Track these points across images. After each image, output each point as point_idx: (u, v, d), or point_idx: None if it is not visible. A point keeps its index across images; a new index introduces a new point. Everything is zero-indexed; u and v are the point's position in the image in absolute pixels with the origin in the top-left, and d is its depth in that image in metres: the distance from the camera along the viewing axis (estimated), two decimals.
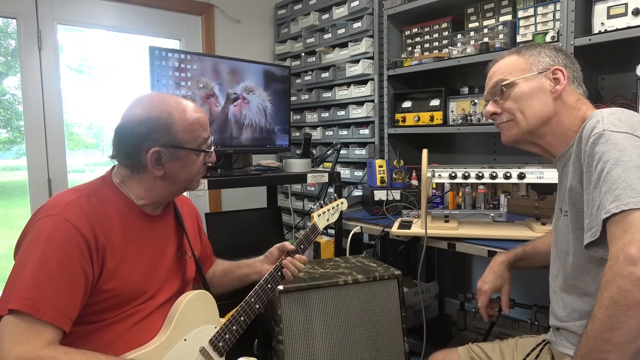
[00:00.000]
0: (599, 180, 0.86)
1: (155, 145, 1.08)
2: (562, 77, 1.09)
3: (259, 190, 2.74)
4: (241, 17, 3.39)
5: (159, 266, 1.16)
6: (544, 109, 1.10)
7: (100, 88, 2.96)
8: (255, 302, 1.27)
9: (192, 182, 1.19)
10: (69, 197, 1.04)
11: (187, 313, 1.14)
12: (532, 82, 1.11)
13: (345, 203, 1.71)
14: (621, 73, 1.93)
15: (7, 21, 2.60)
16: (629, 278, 0.74)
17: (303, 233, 1.49)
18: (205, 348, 1.15)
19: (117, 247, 1.06)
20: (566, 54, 1.15)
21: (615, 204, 0.80)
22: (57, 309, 0.93)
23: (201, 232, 1.42)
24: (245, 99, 2.09)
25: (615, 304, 0.75)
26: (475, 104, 2.25)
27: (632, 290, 0.73)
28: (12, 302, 0.90)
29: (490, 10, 2.22)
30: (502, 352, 1.29)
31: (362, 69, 2.74)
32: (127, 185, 1.13)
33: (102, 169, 1.22)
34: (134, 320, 1.08)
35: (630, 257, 0.74)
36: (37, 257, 0.94)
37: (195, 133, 1.13)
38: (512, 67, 1.15)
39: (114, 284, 1.04)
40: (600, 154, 0.87)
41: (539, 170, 1.60)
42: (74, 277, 0.96)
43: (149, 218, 1.16)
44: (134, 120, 1.09)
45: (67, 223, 0.98)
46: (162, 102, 1.11)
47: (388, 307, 1.60)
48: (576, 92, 1.12)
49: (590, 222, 0.88)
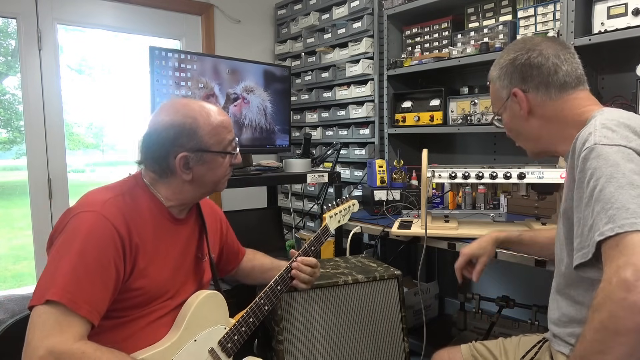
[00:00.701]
0: (591, 199, 0.82)
1: (183, 150, 1.10)
2: (521, 99, 1.08)
3: (259, 190, 2.74)
4: (241, 17, 3.39)
5: (180, 267, 1.19)
6: (531, 131, 1.11)
7: (100, 88, 2.96)
8: (264, 304, 1.29)
9: (219, 184, 1.21)
10: (106, 195, 1.07)
11: (199, 313, 1.14)
12: (508, 111, 1.14)
13: (357, 204, 1.71)
14: (621, 73, 1.93)
15: (7, 21, 2.60)
16: (621, 304, 0.70)
17: (314, 235, 1.50)
18: (214, 349, 1.16)
19: (148, 246, 1.09)
20: (524, 63, 1.07)
21: (610, 225, 0.76)
22: (91, 303, 0.95)
23: (227, 232, 1.44)
24: (245, 99, 2.09)
25: (604, 328, 0.72)
26: (475, 104, 2.25)
27: (622, 317, 0.70)
28: (51, 293, 0.91)
29: (490, 10, 2.22)
30: (505, 349, 1.29)
31: (362, 69, 2.74)
32: (156, 187, 1.15)
33: (102, 169, 1.22)
34: (153, 318, 1.10)
35: (624, 281, 0.70)
36: (76, 250, 0.96)
37: (220, 136, 1.15)
38: (493, 98, 1.17)
39: (143, 283, 1.07)
40: (592, 170, 0.84)
41: (539, 170, 1.60)
42: (108, 273, 0.99)
43: (176, 221, 1.18)
44: (160, 127, 1.11)
45: (106, 220, 1.00)
46: (186, 107, 1.13)
47: (388, 307, 1.60)
48: (551, 99, 1.05)
49: (581, 243, 0.84)
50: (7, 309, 1.53)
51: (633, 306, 0.69)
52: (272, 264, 1.49)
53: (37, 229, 2.61)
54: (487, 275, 2.61)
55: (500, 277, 2.55)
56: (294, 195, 3.30)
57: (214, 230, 1.35)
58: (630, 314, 0.69)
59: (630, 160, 0.81)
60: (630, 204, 0.75)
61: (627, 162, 0.80)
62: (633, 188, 0.77)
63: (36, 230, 2.61)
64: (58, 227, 1.03)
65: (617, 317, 0.70)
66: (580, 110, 1.03)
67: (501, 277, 2.54)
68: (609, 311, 0.72)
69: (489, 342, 1.34)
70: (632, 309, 0.69)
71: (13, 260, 2.77)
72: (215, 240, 1.36)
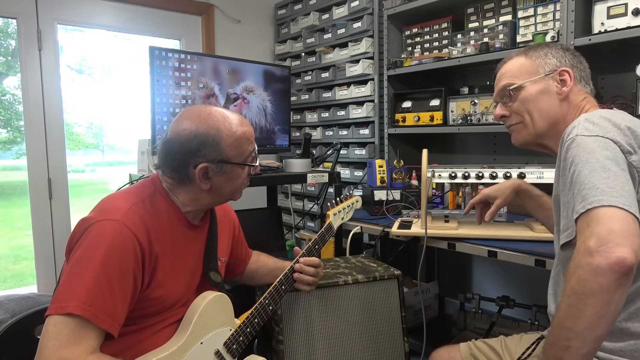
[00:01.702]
0: (571, 183, 0.90)
1: (204, 160, 1.09)
2: (568, 78, 1.11)
3: (259, 190, 2.74)
4: (241, 17, 3.39)
5: (195, 274, 1.19)
6: (551, 111, 1.12)
7: (100, 88, 2.96)
8: (269, 304, 1.29)
9: (235, 193, 1.21)
10: (127, 202, 1.05)
11: (205, 316, 1.14)
12: (539, 85, 1.13)
13: (360, 201, 1.71)
14: (621, 73, 1.93)
15: (7, 21, 2.60)
16: (586, 268, 0.78)
17: (318, 233, 1.50)
18: (220, 351, 1.15)
19: (167, 257, 1.09)
20: (574, 53, 1.15)
21: (582, 204, 0.84)
22: (112, 316, 0.95)
23: (239, 235, 1.44)
24: (245, 99, 2.09)
25: (575, 293, 0.79)
26: (475, 104, 2.25)
27: (589, 280, 0.77)
28: (73, 306, 0.90)
29: (490, 10, 2.22)
30: (506, 346, 1.29)
31: (362, 69, 2.74)
32: (174, 192, 1.15)
33: (102, 169, 1.22)
34: (165, 324, 1.10)
35: (588, 248, 0.78)
36: (98, 261, 0.94)
37: (242, 148, 1.14)
38: (519, 70, 1.16)
39: (160, 293, 1.07)
40: (572, 158, 0.92)
41: (539, 170, 1.60)
42: (127, 284, 0.98)
43: (192, 227, 1.18)
44: (182, 137, 1.09)
45: (128, 230, 0.99)
46: (210, 117, 1.11)
47: (388, 307, 1.60)
48: (583, 92, 1.13)
49: (566, 224, 0.91)
50: (7, 309, 1.53)
51: (596, 269, 0.77)
52: (276, 264, 1.49)
53: (37, 229, 2.61)
54: (487, 275, 2.62)
55: (500, 277, 2.55)
56: (294, 195, 3.30)
57: (227, 234, 1.35)
58: (595, 276, 0.77)
59: (605, 148, 0.89)
60: (600, 184, 0.84)
61: (602, 150, 0.89)
62: (604, 171, 0.85)
63: (36, 230, 2.61)
64: (78, 232, 1.01)
65: (584, 281, 0.78)
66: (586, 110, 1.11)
67: (501, 277, 2.54)
68: (577, 276, 0.79)
69: (490, 340, 1.34)
70: (595, 272, 0.77)
71: (13, 260, 2.77)
72: (227, 244, 1.36)
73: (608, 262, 0.76)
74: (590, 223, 0.82)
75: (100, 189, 3.10)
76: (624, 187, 0.84)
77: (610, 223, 0.79)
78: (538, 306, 1.95)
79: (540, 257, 1.45)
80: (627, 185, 0.85)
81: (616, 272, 0.76)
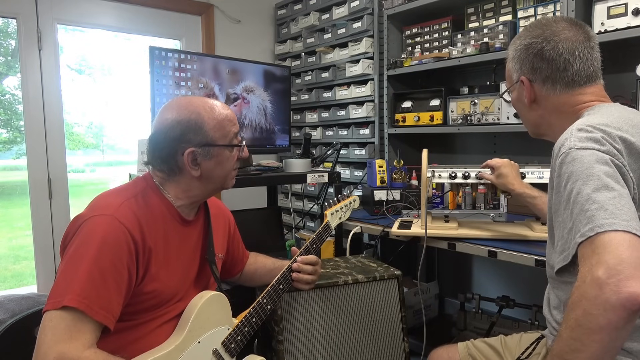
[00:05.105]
0: (568, 202, 0.84)
1: (190, 146, 1.11)
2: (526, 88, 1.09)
3: (259, 190, 2.74)
4: (241, 17, 3.39)
5: (190, 270, 1.19)
6: (530, 117, 1.15)
7: (100, 88, 2.96)
8: (267, 304, 1.29)
9: (227, 179, 1.22)
10: (119, 198, 1.07)
11: (203, 315, 1.14)
12: (514, 93, 1.16)
13: (357, 200, 1.71)
14: (621, 73, 1.93)
15: (7, 21, 2.60)
16: (594, 302, 0.71)
17: (316, 232, 1.50)
18: (217, 350, 1.15)
19: (160, 250, 1.09)
20: (536, 54, 1.05)
21: (590, 226, 0.77)
22: (107, 308, 0.95)
23: (234, 234, 1.43)
24: (245, 99, 2.09)
25: (579, 326, 0.73)
26: (475, 104, 2.25)
27: (596, 315, 0.71)
28: (67, 299, 0.91)
29: (490, 10, 2.22)
30: (506, 345, 1.29)
31: (362, 69, 2.74)
32: (165, 187, 1.16)
33: (102, 169, 1.23)
34: (161, 321, 1.10)
35: (597, 279, 0.71)
36: (91, 256, 0.96)
37: (225, 129, 1.16)
38: (507, 74, 1.19)
39: (154, 286, 1.07)
40: (568, 174, 0.85)
41: (539, 170, 1.60)
42: (122, 278, 0.99)
43: (185, 223, 1.19)
44: (166, 126, 1.12)
45: (120, 224, 1.00)
46: (190, 103, 1.14)
47: (388, 307, 1.60)
48: (555, 94, 1.05)
49: (563, 245, 0.85)
50: (7, 309, 1.53)
51: (605, 303, 0.70)
52: (274, 264, 1.49)
53: (37, 229, 2.61)
54: (487, 275, 2.62)
55: (500, 277, 2.55)
56: (294, 195, 3.30)
57: (221, 231, 1.35)
58: (603, 312, 0.70)
59: (604, 163, 0.83)
60: (608, 205, 0.77)
61: (601, 165, 0.82)
62: (608, 190, 0.79)
63: (36, 230, 2.61)
64: (71, 230, 1.02)
65: (591, 315, 0.71)
66: (579, 106, 1.04)
67: (501, 277, 2.54)
68: (583, 309, 0.73)
69: (490, 339, 1.34)
70: (604, 307, 0.70)
71: (13, 260, 2.77)
72: (223, 241, 1.36)
73: (618, 297, 0.69)
74: (597, 250, 0.74)
75: (100, 189, 3.06)
76: (631, 209, 0.77)
77: (620, 250, 0.72)
78: (538, 306, 1.95)
79: (541, 257, 1.45)
80: (632, 205, 0.79)
81: (627, 309, 0.69)
